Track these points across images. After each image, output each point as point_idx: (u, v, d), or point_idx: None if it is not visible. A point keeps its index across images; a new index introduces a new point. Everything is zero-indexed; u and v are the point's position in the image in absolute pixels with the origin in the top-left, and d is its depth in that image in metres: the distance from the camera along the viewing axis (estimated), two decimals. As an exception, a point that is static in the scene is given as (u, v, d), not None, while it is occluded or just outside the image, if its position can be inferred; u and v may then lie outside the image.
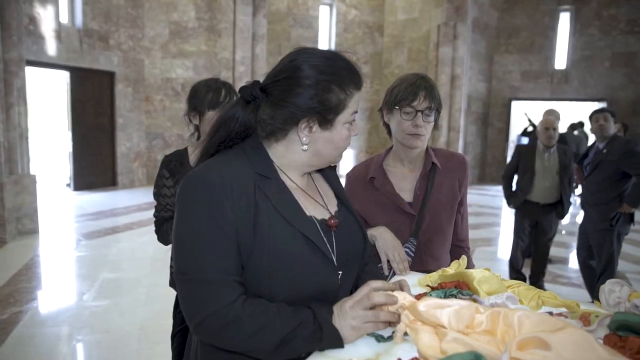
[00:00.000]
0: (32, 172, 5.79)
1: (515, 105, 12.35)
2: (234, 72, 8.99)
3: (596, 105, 10.79)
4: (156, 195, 1.88)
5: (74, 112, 8.35)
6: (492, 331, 0.80)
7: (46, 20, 7.48)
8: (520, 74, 12.08)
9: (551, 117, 3.93)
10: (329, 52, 1.01)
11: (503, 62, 12.19)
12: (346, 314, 0.90)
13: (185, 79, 9.16)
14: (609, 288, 1.10)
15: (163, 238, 1.86)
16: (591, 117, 3.71)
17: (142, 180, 9.45)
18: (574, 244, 5.99)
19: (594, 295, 2.63)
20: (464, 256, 1.25)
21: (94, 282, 4.10)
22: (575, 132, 8.73)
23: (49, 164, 11.35)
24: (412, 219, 1.52)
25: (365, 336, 0.91)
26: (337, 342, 0.87)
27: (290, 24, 11.91)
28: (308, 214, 1.01)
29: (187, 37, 9.18)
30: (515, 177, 4.08)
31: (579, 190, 5.74)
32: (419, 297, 1.06)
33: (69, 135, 8.48)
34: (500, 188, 4.66)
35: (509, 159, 4.49)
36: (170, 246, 1.15)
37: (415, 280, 1.25)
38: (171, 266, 1.90)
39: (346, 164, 10.04)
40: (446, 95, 10.07)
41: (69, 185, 8.69)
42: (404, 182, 1.56)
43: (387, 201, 1.53)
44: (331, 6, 12.37)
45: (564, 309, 1.10)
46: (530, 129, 7.60)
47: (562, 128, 7.45)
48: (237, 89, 1.20)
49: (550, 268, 4.68)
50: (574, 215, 7.57)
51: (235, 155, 0.98)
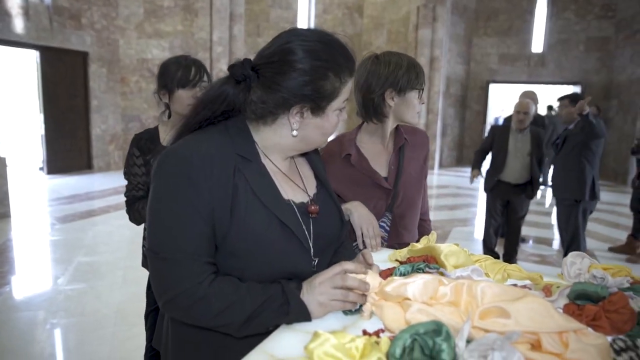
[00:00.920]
0: (1, 154, 5.63)
1: (493, 88, 12.48)
2: (211, 52, 8.82)
3: (571, 89, 11.01)
4: (127, 174, 1.85)
5: (45, 93, 8.09)
6: (456, 302, 0.82)
7: (13, -4, 7.21)
8: (498, 56, 12.19)
9: (525, 100, 3.99)
10: (324, 35, 0.99)
11: (481, 45, 12.27)
12: (315, 290, 0.91)
13: (162, 59, 8.81)
14: (570, 260, 1.14)
15: (135, 218, 1.83)
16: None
17: (118, 163, 9.27)
18: (546, 223, 6.18)
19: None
20: (433, 232, 1.27)
21: (68, 265, 4.05)
22: (553, 113, 8.90)
23: (20, 147, 11.04)
24: (387, 193, 1.57)
25: (332, 308, 0.93)
26: (304, 316, 0.88)
27: (269, 4, 11.73)
28: (286, 197, 1.00)
29: (162, 17, 8.95)
30: (489, 159, 4.16)
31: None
32: (387, 271, 1.09)
33: (40, 117, 8.22)
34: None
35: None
36: (143, 226, 1.14)
37: (386, 256, 1.27)
38: (144, 245, 1.88)
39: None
40: (425, 77, 10.07)
41: (42, 169, 8.48)
42: (378, 158, 1.60)
43: (363, 177, 1.55)
44: (310, -14, 12.21)
45: (528, 282, 1.14)
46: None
47: (541, 110, 7.60)
48: (214, 70, 1.17)
49: (522, 247, 4.81)
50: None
51: (218, 133, 0.96)
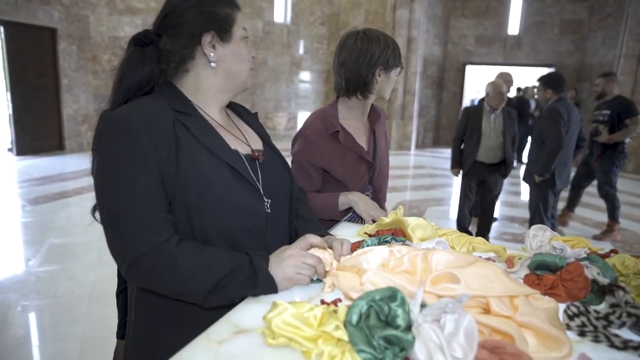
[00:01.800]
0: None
1: (470, 70, 12.57)
2: (185, 30, 8.61)
3: (545, 71, 11.16)
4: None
5: (11, 71, 7.78)
6: (412, 271, 0.85)
7: (-26, -31, 6.87)
8: (474, 38, 12.25)
9: (498, 80, 4.05)
10: None
11: (459, 26, 12.30)
12: (283, 263, 0.92)
13: (134, 37, 8.71)
14: (533, 233, 1.18)
15: None
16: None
17: (91, 144, 9.04)
18: (519, 203, 6.33)
19: None
20: (400, 206, 1.30)
21: (40, 247, 3.98)
22: (521, 94, 9.05)
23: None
24: (369, 167, 1.64)
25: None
26: (271, 288, 0.90)
27: (245, -18, 11.47)
28: (232, 147, 1.04)
29: (135, -7, 8.69)
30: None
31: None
32: (356, 244, 1.11)
33: (7, 96, 7.92)
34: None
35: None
36: None
37: (354, 231, 1.29)
38: None
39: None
40: (402, 58, 10.10)
41: (10, 150, 8.23)
42: (359, 133, 1.66)
43: (350, 153, 1.60)
44: (287, -36, 11.98)
45: (492, 254, 1.17)
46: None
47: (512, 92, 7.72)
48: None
49: (495, 225, 4.93)
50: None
51: (150, 98, 1.00)
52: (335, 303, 0.80)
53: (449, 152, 4.51)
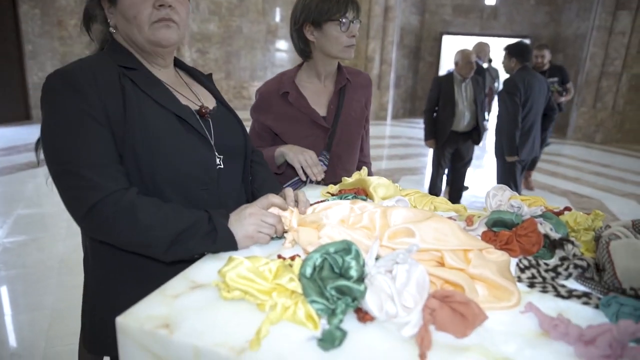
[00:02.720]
0: None
1: (446, 40, 12.53)
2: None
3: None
4: None
5: (-30, 36, 7.42)
6: (371, 228, 0.86)
7: None
8: (452, 8, 12.16)
9: (467, 49, 4.07)
10: None
11: (436, -5, 12.19)
12: (243, 221, 0.92)
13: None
14: (493, 193, 1.20)
15: None
16: None
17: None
18: (487, 173, 6.46)
19: None
20: (364, 167, 1.30)
21: (7, 218, 3.88)
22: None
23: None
24: (325, 132, 1.58)
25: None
26: (231, 245, 0.90)
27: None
28: (184, 103, 1.04)
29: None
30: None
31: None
32: (318, 203, 1.11)
33: (-33, 62, 7.58)
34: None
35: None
36: None
37: (319, 192, 1.29)
38: None
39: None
40: (379, 27, 10.00)
41: (-27, 119, 7.92)
42: (318, 97, 1.60)
43: (302, 115, 1.55)
44: None
45: (453, 213, 1.20)
46: None
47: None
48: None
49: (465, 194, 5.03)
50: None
51: (95, 55, 1.01)
52: (292, 258, 0.81)
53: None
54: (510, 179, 3.97)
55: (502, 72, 4.45)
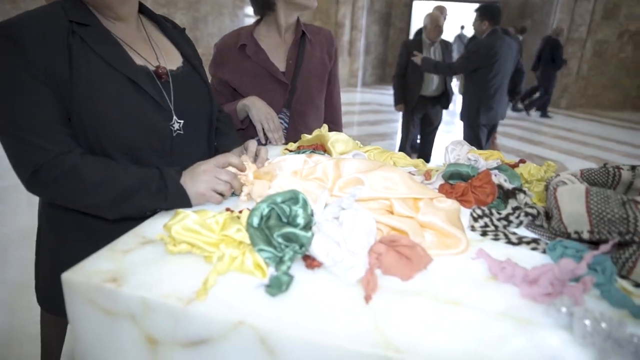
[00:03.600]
0: None
1: (417, 6, 12.41)
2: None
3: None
4: None
5: None
6: (324, 179, 0.85)
7: None
8: (422, -28, 12.02)
9: (436, 12, 4.04)
10: None
11: (407, -41, 12.00)
12: (196, 177, 0.90)
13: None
14: (451, 147, 1.21)
15: None
16: None
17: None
18: (456, 138, 6.56)
19: None
20: (325, 125, 1.28)
21: (-37, 191, 3.73)
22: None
23: None
24: (285, 88, 1.54)
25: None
26: (184, 201, 0.87)
27: None
28: (139, 63, 0.97)
29: None
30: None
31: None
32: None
33: None
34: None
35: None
36: None
37: (279, 151, 1.28)
38: None
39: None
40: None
41: None
42: (277, 52, 1.55)
43: (260, 70, 1.52)
44: None
45: (412, 168, 1.20)
46: None
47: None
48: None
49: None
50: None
51: (47, 6, 0.91)
52: (241, 212, 0.80)
53: (394, 89, 4.49)
54: (476, 141, 4.03)
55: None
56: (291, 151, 1.16)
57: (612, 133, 7.47)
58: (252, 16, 10.06)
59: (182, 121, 1.02)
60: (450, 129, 7.06)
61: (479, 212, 0.91)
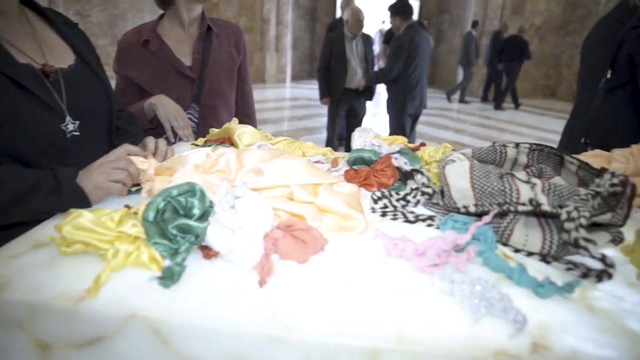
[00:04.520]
0: None
1: (341, 0, 12.61)
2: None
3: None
4: None
5: None
6: (227, 170, 0.86)
7: None
8: (345, -33, 12.21)
9: (357, 6, 4.14)
10: None
11: (329, -46, 12.13)
12: (92, 172, 0.87)
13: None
14: (357, 134, 1.25)
15: None
16: None
17: None
18: (380, 129, 6.77)
19: None
20: (235, 118, 1.29)
21: None
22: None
23: None
24: (192, 82, 1.52)
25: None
26: (80, 199, 0.84)
27: None
28: (23, 61, 0.92)
29: None
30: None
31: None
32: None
33: None
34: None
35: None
36: None
37: (188, 147, 1.26)
38: None
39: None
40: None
41: None
42: (182, 46, 1.53)
43: (165, 65, 1.48)
44: None
45: (321, 157, 1.23)
46: None
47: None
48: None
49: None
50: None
51: None
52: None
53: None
54: (400, 132, 4.19)
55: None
56: (198, 146, 1.15)
57: (526, 119, 8.05)
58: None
59: (77, 122, 0.98)
60: (375, 121, 7.26)
61: (378, 194, 0.95)
